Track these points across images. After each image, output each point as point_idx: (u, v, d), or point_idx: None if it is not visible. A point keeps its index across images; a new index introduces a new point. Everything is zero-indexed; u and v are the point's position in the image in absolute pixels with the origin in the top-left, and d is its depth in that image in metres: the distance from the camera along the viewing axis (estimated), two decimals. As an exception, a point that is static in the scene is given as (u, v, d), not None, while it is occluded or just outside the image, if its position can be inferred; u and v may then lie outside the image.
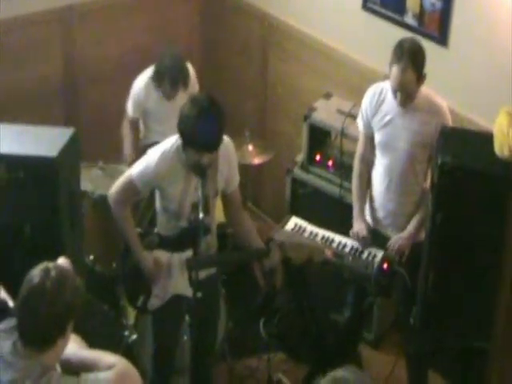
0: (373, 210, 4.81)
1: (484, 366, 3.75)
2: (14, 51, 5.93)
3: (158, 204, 4.31)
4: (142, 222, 5.01)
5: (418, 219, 4.64)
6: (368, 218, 4.83)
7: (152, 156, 4.17)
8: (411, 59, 4.36)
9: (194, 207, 4.15)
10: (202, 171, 4.03)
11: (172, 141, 4.16)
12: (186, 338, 4.66)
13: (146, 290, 4.32)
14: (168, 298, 4.33)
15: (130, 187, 4.20)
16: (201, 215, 3.98)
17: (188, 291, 4.18)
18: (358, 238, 4.73)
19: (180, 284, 4.27)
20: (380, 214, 4.78)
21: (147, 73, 5.53)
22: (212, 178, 4.14)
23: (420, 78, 4.42)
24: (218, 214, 4.48)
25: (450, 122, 4.56)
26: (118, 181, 4.27)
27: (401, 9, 5.25)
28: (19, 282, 2.88)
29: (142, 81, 5.54)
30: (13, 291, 3.18)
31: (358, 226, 4.77)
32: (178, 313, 4.43)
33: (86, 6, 6.20)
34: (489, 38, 4.81)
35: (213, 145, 4.01)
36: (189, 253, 4.20)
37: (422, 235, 4.48)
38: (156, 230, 4.38)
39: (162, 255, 4.29)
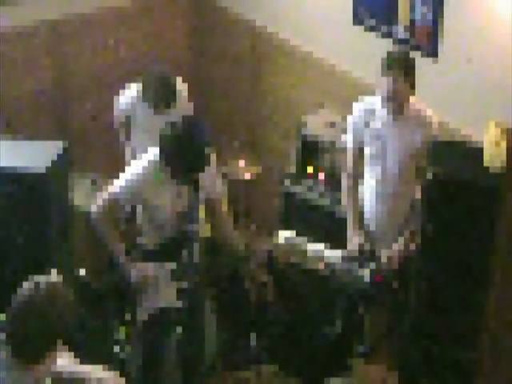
0: (365, 222, 4.81)
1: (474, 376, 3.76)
2: (4, 63, 5.93)
3: (141, 216, 4.31)
4: (126, 235, 4.99)
5: (408, 231, 4.65)
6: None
7: (133, 169, 4.18)
8: (402, 68, 4.39)
9: (179, 217, 4.17)
10: (196, 185, 4.08)
11: (153, 153, 4.16)
12: (174, 350, 4.65)
13: (133, 303, 4.30)
14: (156, 310, 4.32)
15: (113, 201, 4.19)
16: (195, 226, 4.00)
17: (176, 302, 4.18)
18: (354, 253, 4.72)
19: (167, 295, 4.27)
20: (372, 225, 4.78)
21: (137, 85, 5.52)
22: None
23: (411, 85, 4.45)
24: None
25: (438, 134, 4.57)
26: (101, 195, 4.25)
27: (391, 21, 5.28)
28: (9, 295, 2.87)
29: (132, 88, 5.52)
30: (3, 305, 3.17)
31: (355, 242, 4.76)
32: (165, 325, 4.42)
33: (76, 20, 6.22)
34: (478, 51, 4.83)
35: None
36: (174, 263, 4.21)
37: (413, 247, 4.48)
38: (140, 242, 4.37)
39: (148, 267, 4.28)
